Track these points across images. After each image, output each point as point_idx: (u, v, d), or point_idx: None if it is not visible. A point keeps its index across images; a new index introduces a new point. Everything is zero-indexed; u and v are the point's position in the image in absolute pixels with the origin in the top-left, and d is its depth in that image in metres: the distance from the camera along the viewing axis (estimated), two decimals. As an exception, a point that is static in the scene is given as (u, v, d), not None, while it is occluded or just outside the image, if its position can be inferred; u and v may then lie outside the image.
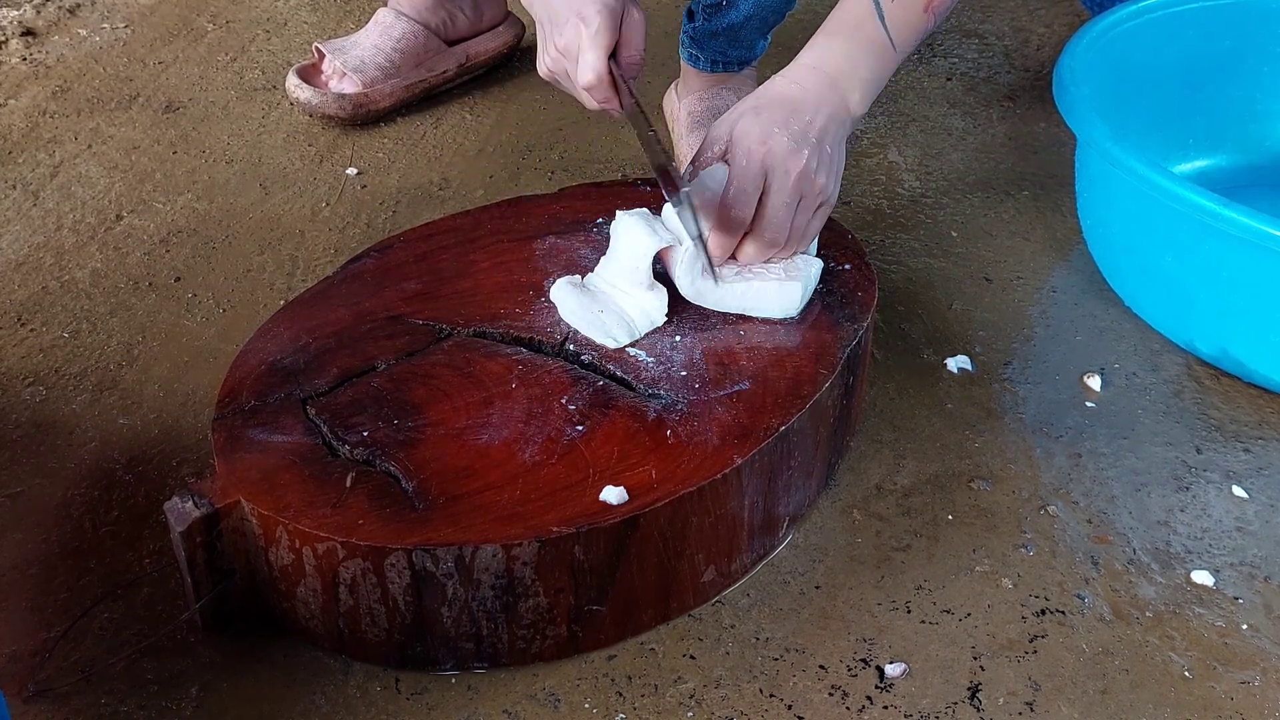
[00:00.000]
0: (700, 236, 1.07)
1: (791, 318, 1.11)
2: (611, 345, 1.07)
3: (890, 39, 1.11)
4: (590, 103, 1.10)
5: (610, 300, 1.10)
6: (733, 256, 1.11)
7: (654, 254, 1.09)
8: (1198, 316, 1.26)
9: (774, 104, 1.08)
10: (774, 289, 1.10)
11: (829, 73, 1.11)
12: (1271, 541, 1.10)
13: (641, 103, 1.09)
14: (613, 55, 1.07)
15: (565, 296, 1.11)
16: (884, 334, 1.31)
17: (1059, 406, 1.24)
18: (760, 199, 1.07)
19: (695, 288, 1.10)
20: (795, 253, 1.12)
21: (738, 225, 1.08)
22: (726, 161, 1.09)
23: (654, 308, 1.09)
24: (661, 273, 1.11)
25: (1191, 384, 1.27)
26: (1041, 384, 1.26)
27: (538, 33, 1.13)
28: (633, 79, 1.09)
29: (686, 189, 1.06)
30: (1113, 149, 1.23)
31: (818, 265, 1.13)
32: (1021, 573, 1.07)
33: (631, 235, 1.10)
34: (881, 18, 1.11)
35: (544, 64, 1.12)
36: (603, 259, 1.14)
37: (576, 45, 1.06)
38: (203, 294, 1.35)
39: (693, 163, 1.13)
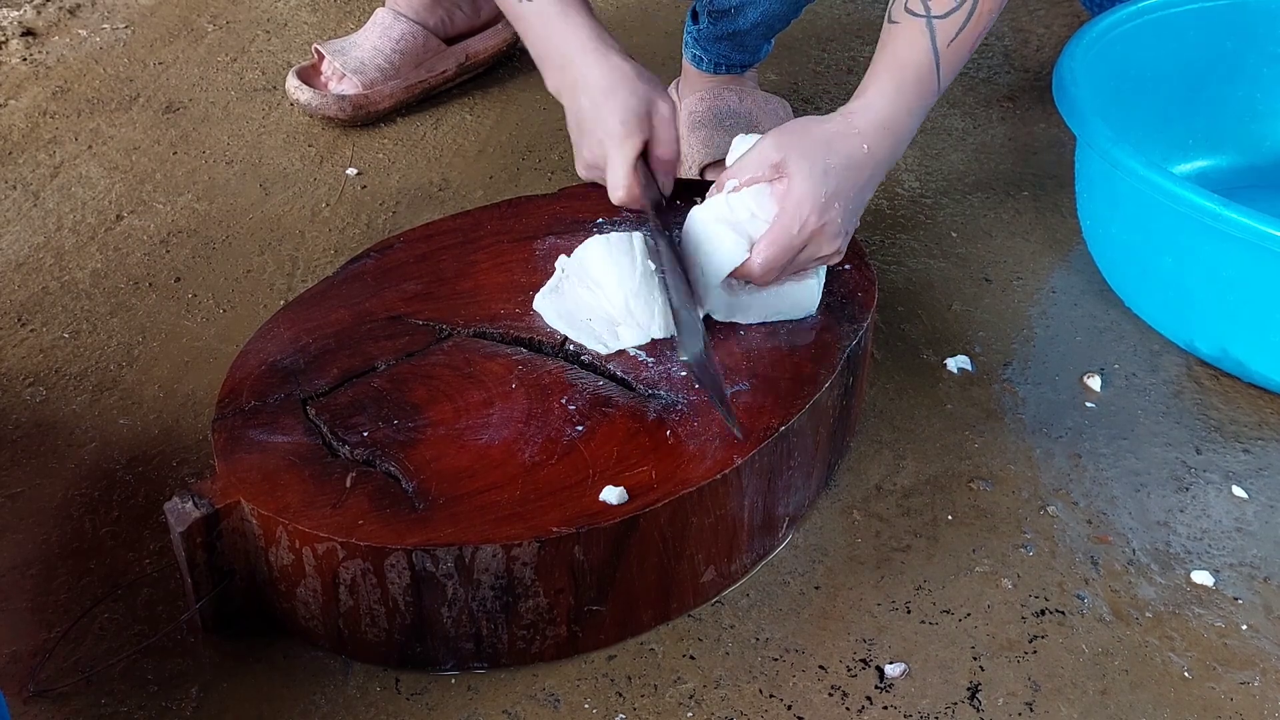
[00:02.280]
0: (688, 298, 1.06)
1: (811, 315, 1.11)
2: (603, 350, 1.07)
3: (938, 90, 1.11)
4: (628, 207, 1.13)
5: (597, 306, 1.10)
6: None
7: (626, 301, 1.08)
8: (1198, 316, 1.26)
9: (846, 170, 1.06)
10: (794, 289, 1.09)
11: (898, 136, 1.09)
12: (1271, 542, 1.10)
13: (662, 219, 1.09)
14: (645, 154, 1.09)
15: (547, 307, 1.10)
16: (884, 334, 1.31)
17: (1059, 407, 1.24)
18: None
19: (727, 310, 1.09)
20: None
21: (758, 274, 1.07)
22: (770, 183, 1.07)
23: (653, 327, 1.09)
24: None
25: (1191, 384, 1.27)
26: (1041, 384, 1.26)
27: (571, 134, 1.15)
28: (669, 176, 1.12)
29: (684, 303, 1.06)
30: (1113, 149, 1.23)
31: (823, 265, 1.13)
32: (1021, 573, 1.07)
33: (617, 264, 1.08)
34: (938, 70, 1.09)
35: (582, 169, 1.15)
36: (579, 247, 1.11)
37: (604, 158, 1.08)
38: (203, 294, 1.35)
39: (730, 169, 1.10)
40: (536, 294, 1.12)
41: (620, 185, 1.09)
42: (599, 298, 1.09)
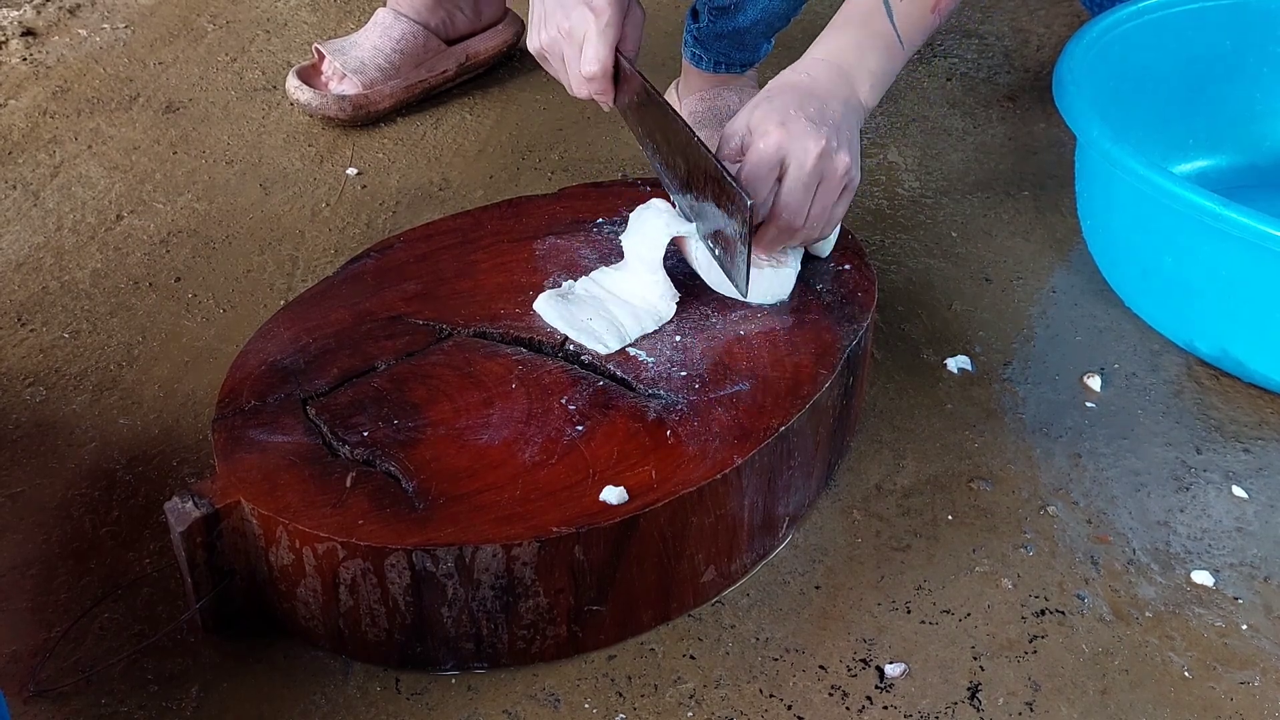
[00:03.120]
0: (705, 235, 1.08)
1: (783, 301, 1.11)
2: (603, 351, 1.07)
3: (898, 34, 1.11)
4: (581, 90, 1.09)
5: (603, 305, 1.10)
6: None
7: (669, 239, 1.08)
8: (1198, 316, 1.26)
9: (786, 90, 1.07)
10: (769, 275, 1.09)
11: (838, 63, 1.10)
12: (1271, 541, 1.10)
13: (657, 92, 1.08)
14: None
15: (549, 308, 1.10)
16: (884, 334, 1.31)
17: (1059, 406, 1.24)
18: (778, 181, 1.05)
19: (711, 275, 1.10)
20: (818, 238, 1.11)
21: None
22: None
23: (664, 308, 1.09)
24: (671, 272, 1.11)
25: (1191, 384, 1.27)
26: (1041, 384, 1.26)
27: (533, 5, 1.11)
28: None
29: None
30: (1113, 149, 1.23)
31: (799, 251, 1.13)
32: (1021, 573, 1.07)
33: (649, 223, 1.10)
34: (890, 14, 1.11)
35: (538, 39, 1.10)
36: (602, 268, 1.14)
37: (583, 32, 1.05)
38: (203, 294, 1.35)
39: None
40: (538, 294, 1.12)
41: (597, 59, 1.05)
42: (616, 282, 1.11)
